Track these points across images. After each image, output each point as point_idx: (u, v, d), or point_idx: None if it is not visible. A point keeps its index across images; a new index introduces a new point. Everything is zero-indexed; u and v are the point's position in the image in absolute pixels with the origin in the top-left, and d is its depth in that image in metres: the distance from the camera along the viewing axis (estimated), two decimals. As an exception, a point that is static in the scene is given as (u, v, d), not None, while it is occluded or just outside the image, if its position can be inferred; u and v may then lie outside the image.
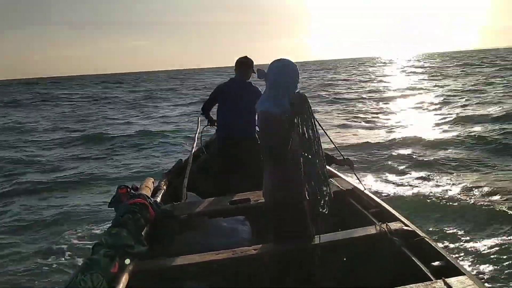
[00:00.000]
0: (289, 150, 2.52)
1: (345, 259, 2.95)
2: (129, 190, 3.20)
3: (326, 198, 2.49)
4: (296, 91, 2.65)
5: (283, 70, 2.64)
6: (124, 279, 2.16)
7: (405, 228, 2.60)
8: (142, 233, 2.70)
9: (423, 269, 2.20)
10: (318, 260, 2.74)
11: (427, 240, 2.43)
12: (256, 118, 2.76)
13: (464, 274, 1.99)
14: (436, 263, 2.18)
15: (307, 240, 2.66)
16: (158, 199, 3.52)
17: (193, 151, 5.00)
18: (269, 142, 2.56)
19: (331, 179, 3.62)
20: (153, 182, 3.95)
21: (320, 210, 2.50)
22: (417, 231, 2.54)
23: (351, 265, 2.90)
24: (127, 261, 2.32)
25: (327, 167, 3.49)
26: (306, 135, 2.45)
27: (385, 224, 2.64)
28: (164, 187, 4.02)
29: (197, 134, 5.67)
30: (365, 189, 3.30)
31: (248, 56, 4.50)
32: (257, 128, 4.48)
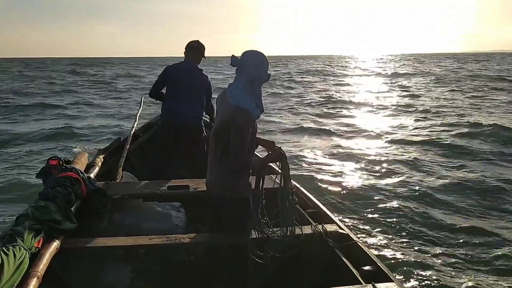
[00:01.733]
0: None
1: (277, 256, 2.98)
2: (61, 162, 3.01)
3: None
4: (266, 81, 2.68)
5: (262, 64, 2.60)
6: (49, 254, 2.02)
7: (340, 231, 2.67)
8: (72, 209, 2.54)
9: (354, 272, 2.27)
10: (251, 255, 2.75)
11: (360, 244, 2.51)
12: (224, 111, 2.62)
13: (392, 281, 2.08)
14: (366, 268, 2.25)
15: (244, 234, 2.64)
16: (92, 175, 3.34)
17: (133, 131, 4.81)
18: (239, 143, 2.48)
19: (271, 175, 3.65)
20: (87, 158, 3.75)
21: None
22: (350, 235, 2.62)
23: (283, 262, 2.93)
24: (54, 237, 2.17)
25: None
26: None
27: (321, 225, 2.69)
28: (99, 164, 3.83)
29: (138, 114, 5.48)
30: (303, 188, 3.33)
31: (199, 41, 4.32)
32: (206, 117, 4.40)
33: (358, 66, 59.35)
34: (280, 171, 2.67)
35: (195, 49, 4.24)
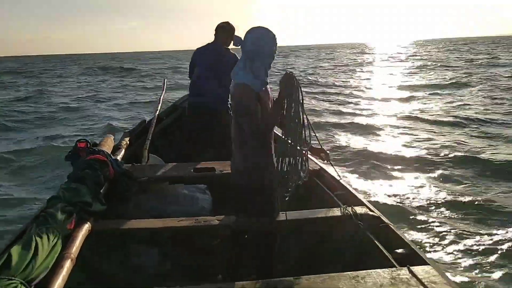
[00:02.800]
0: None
1: (306, 239, 2.94)
2: (88, 145, 3.01)
3: (299, 182, 2.47)
4: (272, 62, 2.56)
5: (261, 39, 2.48)
6: (81, 237, 2.03)
7: (370, 213, 2.61)
8: (101, 191, 2.55)
9: (388, 255, 2.21)
10: (280, 237, 2.72)
11: (392, 227, 2.45)
12: (231, 90, 2.58)
13: (428, 264, 2.02)
14: (400, 251, 2.19)
15: (271, 217, 2.60)
16: (118, 158, 3.35)
17: (157, 114, 4.80)
18: (249, 120, 2.42)
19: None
20: (113, 140, 3.76)
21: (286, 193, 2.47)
22: (382, 217, 2.55)
23: (312, 245, 2.89)
24: (86, 219, 2.18)
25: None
26: (293, 118, 2.38)
27: (350, 207, 2.63)
28: (125, 147, 3.84)
29: (161, 97, 5.46)
30: (335, 170, 3.26)
31: (230, 22, 4.27)
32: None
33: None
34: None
35: (225, 30, 4.17)
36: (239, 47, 2.53)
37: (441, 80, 20.07)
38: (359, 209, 2.63)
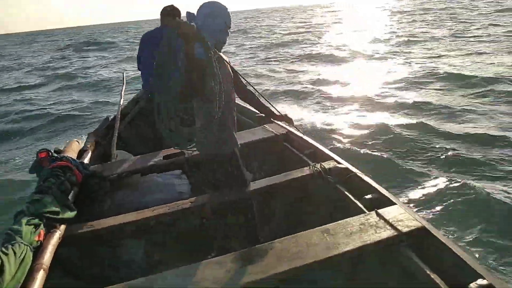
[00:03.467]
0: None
1: (283, 201, 2.99)
2: (50, 153, 2.96)
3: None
4: (227, 37, 2.52)
5: (214, 11, 2.44)
6: (52, 245, 2.02)
7: (339, 166, 2.65)
8: (69, 197, 2.52)
9: (357, 203, 2.27)
10: (256, 206, 2.76)
11: (359, 175, 2.50)
12: None
13: (395, 204, 2.07)
14: (368, 196, 2.25)
15: (244, 187, 2.64)
16: (86, 161, 3.31)
17: (120, 109, 4.73)
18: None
19: (265, 125, 3.61)
20: (78, 144, 3.70)
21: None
22: (349, 168, 2.60)
23: (289, 207, 2.94)
24: (55, 227, 2.17)
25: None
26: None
27: (319, 164, 2.68)
28: (91, 148, 3.79)
29: (122, 91, 5.38)
30: (299, 131, 3.30)
31: (174, 5, 4.19)
32: None
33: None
34: None
35: (169, 13, 4.10)
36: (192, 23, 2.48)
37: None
38: (328, 164, 2.67)
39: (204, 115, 2.48)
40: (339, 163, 2.70)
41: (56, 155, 2.98)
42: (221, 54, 2.49)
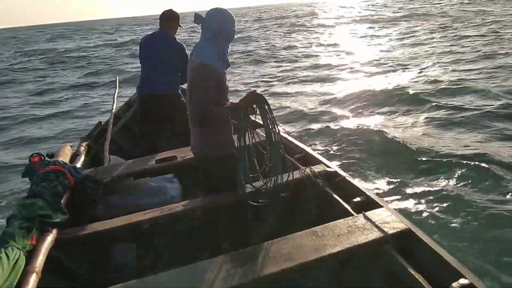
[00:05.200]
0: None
1: (274, 205, 3.03)
2: (43, 158, 2.99)
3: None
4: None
5: (227, 20, 2.52)
6: (45, 249, 2.04)
7: (328, 169, 2.71)
8: (61, 201, 2.55)
9: (345, 206, 2.32)
10: (248, 209, 2.80)
11: (348, 179, 2.55)
12: (189, 69, 2.57)
13: (382, 206, 2.13)
14: (356, 199, 2.30)
15: (237, 190, 2.68)
16: (78, 165, 3.33)
17: (113, 113, 4.75)
18: (206, 97, 2.45)
19: (257, 130, 3.65)
20: (70, 148, 3.72)
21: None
22: (338, 171, 2.66)
23: (280, 209, 2.99)
24: (47, 231, 2.19)
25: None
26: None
27: (308, 168, 2.73)
28: (84, 152, 3.81)
29: (115, 95, 5.41)
30: (289, 135, 3.35)
31: (173, 10, 4.27)
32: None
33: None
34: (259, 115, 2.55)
35: (167, 18, 4.19)
36: (199, 24, 2.53)
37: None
38: (317, 168, 2.72)
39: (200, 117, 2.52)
40: (328, 167, 2.76)
41: (48, 159, 3.00)
42: None
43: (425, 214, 3.65)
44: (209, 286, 1.79)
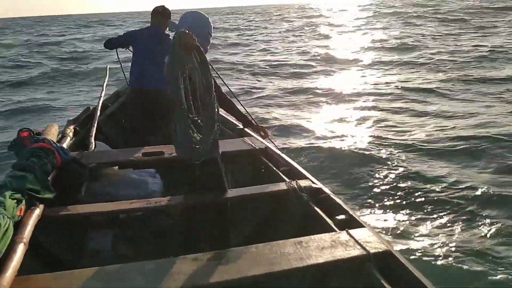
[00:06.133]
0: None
1: (256, 211, 3.10)
2: (32, 133, 2.97)
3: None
4: (209, 45, 2.65)
5: (198, 21, 2.59)
6: (32, 222, 2.05)
7: (313, 185, 2.79)
8: (49, 179, 2.55)
9: (328, 222, 2.40)
10: (230, 213, 2.85)
11: (332, 196, 2.65)
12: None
13: (364, 227, 2.23)
14: (340, 217, 2.39)
15: (221, 193, 2.73)
16: (64, 146, 3.32)
17: (101, 100, 4.74)
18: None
19: (244, 138, 3.73)
20: (57, 129, 3.70)
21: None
22: (323, 188, 2.75)
23: (262, 218, 3.05)
24: (35, 205, 2.19)
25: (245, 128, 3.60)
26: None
27: (294, 182, 2.80)
28: (70, 135, 3.80)
29: (105, 83, 5.39)
30: (277, 148, 3.45)
31: (165, 6, 4.32)
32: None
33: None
34: None
35: (160, 14, 4.23)
36: (174, 32, 2.58)
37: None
38: (303, 182, 2.80)
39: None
40: (313, 182, 2.84)
41: (37, 136, 2.98)
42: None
43: (404, 236, 3.80)
44: (186, 281, 1.78)
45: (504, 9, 30.72)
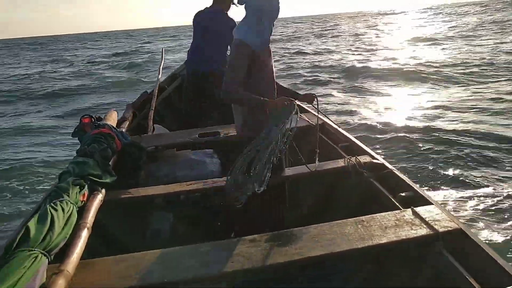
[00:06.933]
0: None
1: (314, 190, 3.02)
2: (93, 120, 3.07)
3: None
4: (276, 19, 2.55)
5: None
6: (94, 207, 2.11)
7: (374, 161, 2.66)
8: (110, 163, 2.61)
9: (392, 199, 2.27)
10: (287, 192, 2.79)
11: (395, 172, 2.50)
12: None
13: (432, 204, 2.07)
14: (404, 194, 2.25)
15: (279, 172, 2.66)
16: (124, 130, 3.40)
17: (158, 83, 4.82)
18: (233, 77, 2.36)
19: (301, 114, 3.62)
20: (117, 114, 3.81)
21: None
22: (385, 164, 2.60)
23: (320, 197, 2.97)
24: (97, 190, 2.26)
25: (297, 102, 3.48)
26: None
27: (354, 158, 2.68)
28: (129, 119, 3.90)
29: (161, 66, 5.46)
30: (334, 123, 3.31)
31: None
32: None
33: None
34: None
35: None
36: (243, 5, 2.49)
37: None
38: (363, 158, 2.68)
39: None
40: (374, 158, 2.70)
41: (98, 122, 3.08)
42: None
43: (477, 215, 3.54)
44: (244, 263, 1.75)
45: None
